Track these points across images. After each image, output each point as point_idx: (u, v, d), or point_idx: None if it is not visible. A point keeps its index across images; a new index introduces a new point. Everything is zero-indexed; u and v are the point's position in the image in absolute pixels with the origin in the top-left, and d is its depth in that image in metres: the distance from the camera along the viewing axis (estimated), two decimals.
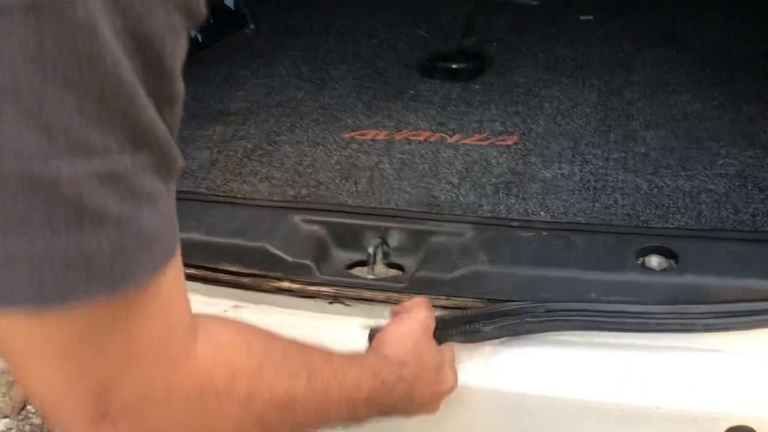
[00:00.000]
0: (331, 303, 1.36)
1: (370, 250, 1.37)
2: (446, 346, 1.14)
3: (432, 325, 1.12)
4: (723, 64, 1.88)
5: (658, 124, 1.63)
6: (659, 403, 1.16)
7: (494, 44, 2.07)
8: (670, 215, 1.34)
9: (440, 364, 1.08)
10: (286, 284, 1.38)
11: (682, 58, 1.93)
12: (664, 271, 1.24)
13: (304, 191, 1.53)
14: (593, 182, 1.45)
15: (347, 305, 1.35)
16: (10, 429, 1.90)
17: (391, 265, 1.41)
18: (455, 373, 1.12)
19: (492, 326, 1.21)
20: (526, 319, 1.22)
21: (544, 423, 1.23)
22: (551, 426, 1.23)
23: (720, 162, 1.48)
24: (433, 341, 1.11)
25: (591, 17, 2.19)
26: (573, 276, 1.25)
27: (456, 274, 1.29)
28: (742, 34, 2.03)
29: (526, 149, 1.59)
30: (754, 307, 1.16)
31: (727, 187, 1.40)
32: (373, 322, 1.35)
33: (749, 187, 1.40)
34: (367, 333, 1.21)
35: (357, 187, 1.52)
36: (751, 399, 1.15)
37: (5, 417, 1.94)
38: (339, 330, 1.34)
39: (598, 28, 2.13)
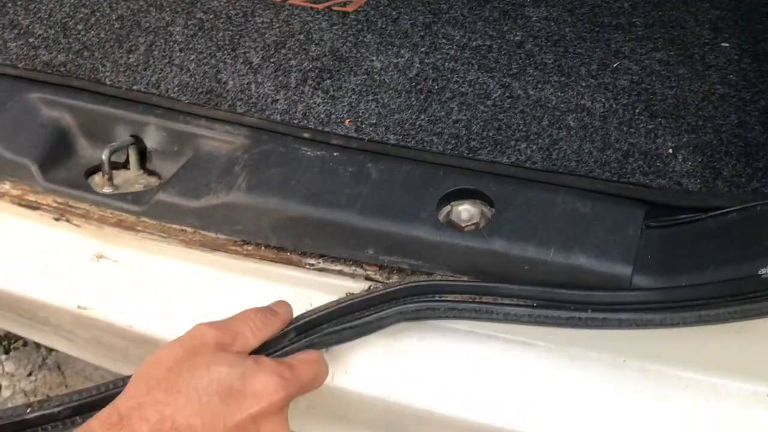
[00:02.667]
0: (57, 220, 1.03)
1: (104, 154, 1.02)
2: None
3: (211, 339, 0.76)
4: None
5: None
6: None
7: None
8: (512, 143, 0.96)
9: (228, 385, 0.73)
10: (4, 187, 1.06)
11: None
12: (469, 228, 0.88)
13: (61, 57, 1.14)
14: (431, 81, 1.05)
15: (76, 225, 1.03)
16: None
17: (151, 173, 1.07)
18: (270, 383, 0.74)
19: None
20: None
21: None
22: None
23: (615, 65, 1.07)
24: (213, 359, 0.74)
25: None
26: (350, 222, 0.90)
27: (204, 202, 0.95)
28: None
29: (368, 21, 1.17)
30: (573, 298, 0.82)
31: (607, 107, 1.00)
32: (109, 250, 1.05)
33: (638, 109, 1.00)
34: None
35: (129, 57, 1.14)
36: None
37: None
38: (63, 256, 1.03)
39: None
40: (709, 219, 0.85)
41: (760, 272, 0.76)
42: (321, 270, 0.91)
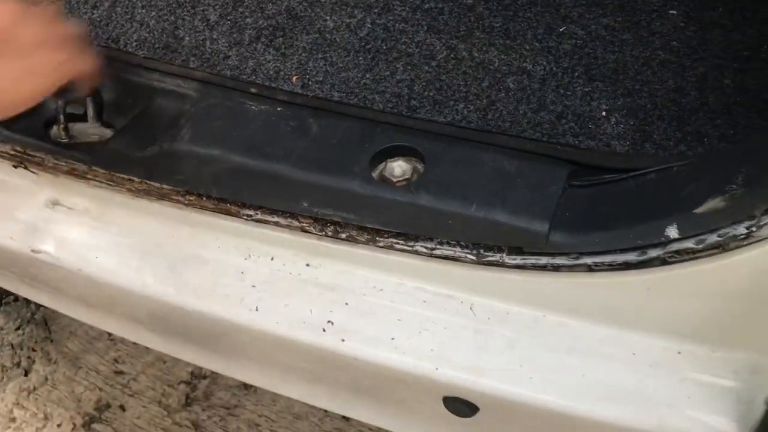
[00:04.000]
0: (15, 167, 1.07)
1: (59, 104, 1.05)
2: None
3: None
4: None
5: None
6: None
7: None
8: (451, 103, 0.98)
9: None
10: None
11: None
12: (401, 183, 0.91)
13: None
14: (380, 42, 1.08)
15: (34, 173, 1.07)
16: None
17: (107, 125, 1.11)
18: None
19: None
20: None
21: None
22: None
23: (561, 30, 1.08)
24: None
25: None
26: (286, 174, 0.93)
27: (149, 152, 0.98)
28: None
29: None
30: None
31: (548, 69, 1.02)
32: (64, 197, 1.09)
33: (577, 73, 1.01)
34: None
35: (93, 13, 1.17)
36: None
37: None
38: (21, 202, 1.07)
39: None
40: (630, 179, 0.87)
41: (665, 231, 0.78)
42: (258, 221, 0.95)
